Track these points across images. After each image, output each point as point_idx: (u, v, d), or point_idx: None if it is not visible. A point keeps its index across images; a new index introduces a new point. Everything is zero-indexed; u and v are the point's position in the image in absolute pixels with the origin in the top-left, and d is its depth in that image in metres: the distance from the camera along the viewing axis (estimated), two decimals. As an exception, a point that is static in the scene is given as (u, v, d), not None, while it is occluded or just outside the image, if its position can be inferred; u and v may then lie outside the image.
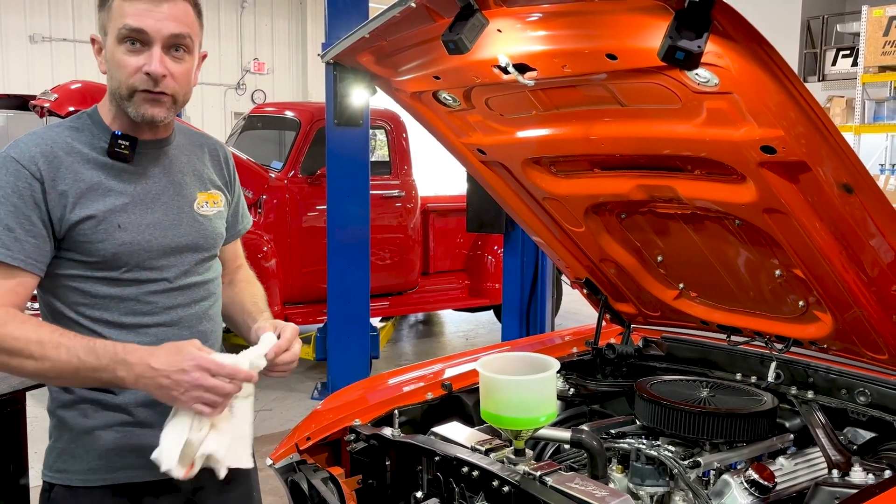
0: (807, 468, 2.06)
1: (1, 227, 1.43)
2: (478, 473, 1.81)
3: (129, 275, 1.54)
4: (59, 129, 1.55)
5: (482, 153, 2.33)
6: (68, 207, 1.48)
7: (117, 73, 1.50)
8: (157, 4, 1.48)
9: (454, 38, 1.60)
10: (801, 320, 2.21)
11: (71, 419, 1.55)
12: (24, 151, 1.47)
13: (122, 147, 1.53)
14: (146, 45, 1.48)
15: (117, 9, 1.48)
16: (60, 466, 1.57)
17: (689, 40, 1.26)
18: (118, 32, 1.48)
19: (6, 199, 1.44)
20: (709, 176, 1.89)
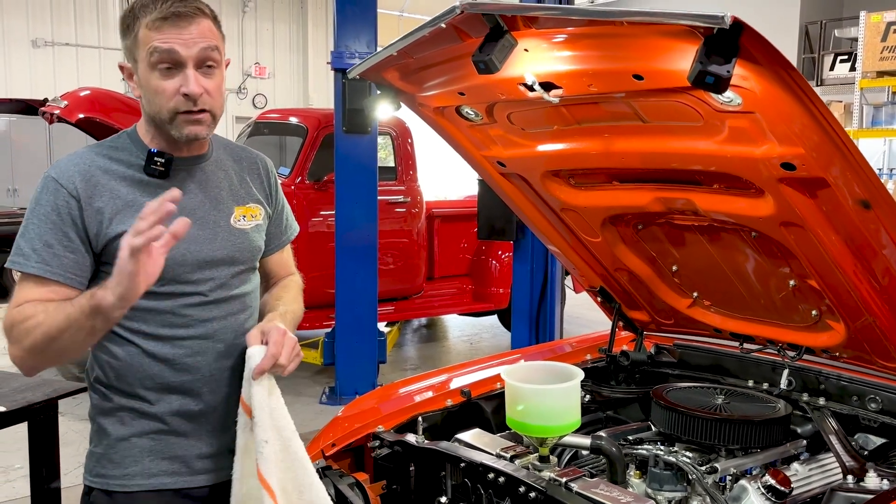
0: (821, 474, 2.11)
1: (41, 243, 1.50)
2: (504, 479, 1.86)
3: (165, 288, 1.57)
4: (99, 149, 1.61)
5: (502, 165, 2.38)
6: (104, 223, 1.53)
7: (155, 98, 1.55)
8: (183, 28, 1.52)
9: (484, 59, 1.65)
10: (814, 329, 2.27)
11: (109, 426, 1.61)
12: (62, 171, 1.54)
13: (157, 164, 1.58)
14: (179, 68, 1.53)
15: (144, 37, 1.52)
16: (99, 471, 1.62)
17: (719, 65, 1.32)
18: (150, 59, 1.52)
19: (46, 216, 1.51)
20: (727, 190, 1.95)
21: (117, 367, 1.60)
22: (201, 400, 1.65)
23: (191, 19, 1.52)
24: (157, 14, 1.51)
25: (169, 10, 1.51)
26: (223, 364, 1.67)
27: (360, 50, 5.02)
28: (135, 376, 1.60)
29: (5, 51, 14.07)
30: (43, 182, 1.55)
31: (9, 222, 9.11)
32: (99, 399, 1.62)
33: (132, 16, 1.54)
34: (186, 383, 1.63)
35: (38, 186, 1.55)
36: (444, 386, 2.60)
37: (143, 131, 1.64)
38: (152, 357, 1.60)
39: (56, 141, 12.53)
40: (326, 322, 5.87)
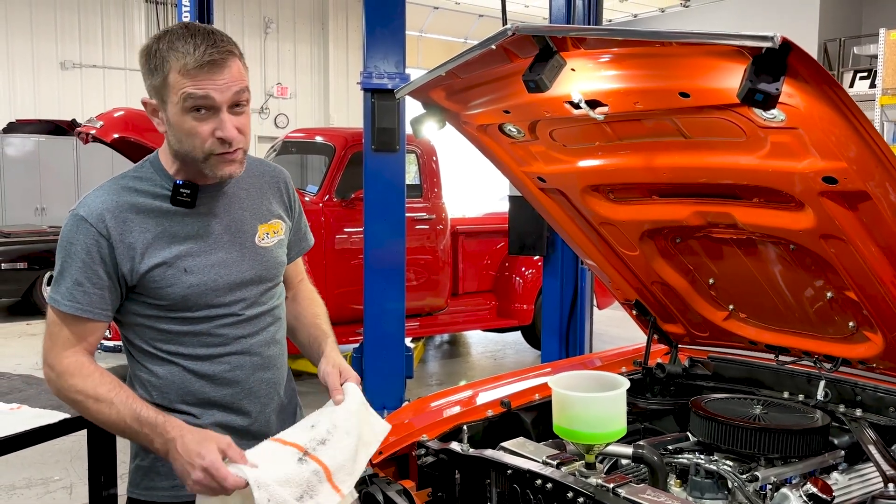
0: (860, 483, 2.14)
1: (72, 282, 1.57)
2: (552, 486, 1.91)
3: (200, 313, 1.64)
4: (124, 181, 1.64)
5: (542, 181, 2.44)
6: (136, 258, 1.58)
7: (189, 139, 1.57)
8: (216, 74, 1.53)
9: (535, 78, 1.72)
10: (851, 340, 2.30)
11: None
12: (91, 210, 1.58)
13: (184, 195, 1.62)
14: (213, 111, 1.55)
15: (177, 82, 1.53)
16: (148, 484, 1.68)
17: (767, 83, 1.38)
18: (183, 104, 1.53)
19: (76, 255, 1.57)
20: (767, 203, 2.00)
21: (159, 385, 1.67)
22: (242, 411, 1.72)
23: (223, 64, 1.53)
24: (191, 63, 1.51)
25: (203, 59, 1.51)
26: (260, 376, 1.74)
27: (388, 70, 5.12)
28: (176, 393, 1.66)
29: (35, 72, 14.38)
30: (73, 221, 1.59)
31: (38, 240, 9.28)
32: None
33: (159, 56, 1.54)
34: (227, 396, 1.70)
35: (68, 224, 1.60)
36: (475, 400, 2.64)
37: (167, 162, 1.66)
38: (193, 374, 1.67)
39: (83, 161, 12.77)
40: (353, 337, 5.93)
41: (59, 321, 1.59)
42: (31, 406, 2.16)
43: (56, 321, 1.59)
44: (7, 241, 9.16)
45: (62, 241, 1.60)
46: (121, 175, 1.66)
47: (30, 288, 9.09)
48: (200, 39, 1.52)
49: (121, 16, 15.44)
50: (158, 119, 1.61)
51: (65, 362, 1.58)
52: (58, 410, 2.10)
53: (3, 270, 8.87)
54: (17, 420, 2.05)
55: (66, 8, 14.71)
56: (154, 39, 1.58)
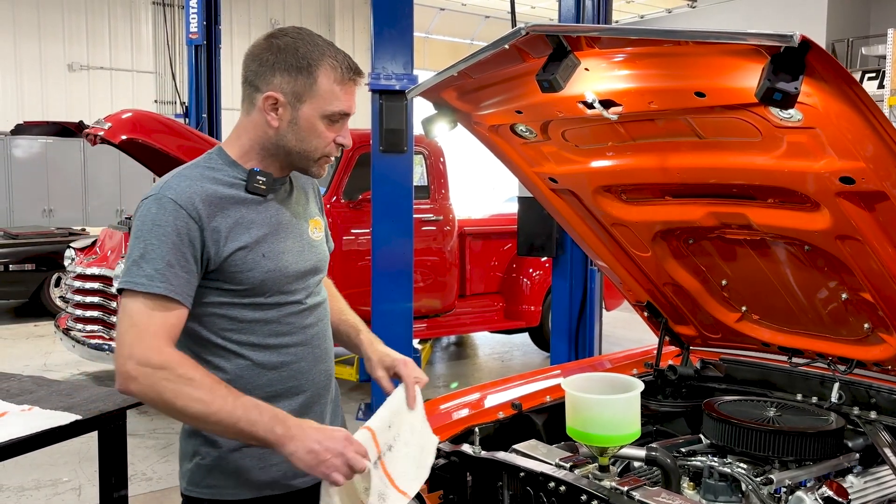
0: (876, 486, 2.13)
1: (163, 263, 1.52)
2: (565, 488, 1.90)
3: (272, 299, 1.66)
4: (200, 170, 1.64)
5: (553, 181, 2.43)
6: (221, 242, 1.58)
7: (313, 141, 1.64)
8: (355, 87, 1.65)
9: (549, 78, 1.71)
10: (866, 342, 2.28)
11: (220, 438, 1.64)
12: (181, 193, 1.56)
13: (259, 183, 1.65)
14: (342, 120, 1.66)
15: (328, 90, 1.60)
16: (210, 482, 1.66)
17: (786, 82, 1.37)
18: (330, 113, 1.62)
19: (167, 237, 1.53)
20: (782, 204, 1.99)
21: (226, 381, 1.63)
22: (303, 402, 1.73)
23: (360, 81, 1.66)
24: (344, 73, 1.61)
25: (351, 70, 1.63)
26: (320, 367, 1.78)
27: (396, 71, 5.11)
28: (244, 388, 1.63)
29: (42, 74, 14.44)
30: (159, 203, 1.55)
31: (45, 242, 9.30)
32: None
33: (305, 60, 1.59)
34: (292, 389, 1.71)
35: (152, 207, 1.56)
36: (484, 402, 2.63)
37: (238, 154, 1.67)
38: (261, 367, 1.67)
39: (91, 163, 12.81)
40: (361, 339, 5.91)
41: (148, 308, 1.50)
42: (42, 408, 2.15)
43: (143, 310, 1.50)
44: (15, 242, 9.19)
45: (146, 223, 1.55)
46: (192, 164, 1.67)
47: (37, 289, 9.11)
48: (346, 56, 1.65)
49: (128, 17, 15.49)
50: (274, 115, 1.62)
51: (164, 354, 1.49)
52: (69, 412, 2.10)
53: (10, 272, 8.89)
54: (28, 421, 2.05)
55: (73, 10, 14.76)
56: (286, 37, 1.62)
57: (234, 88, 8.84)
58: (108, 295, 5.85)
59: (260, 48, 1.63)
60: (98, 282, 5.94)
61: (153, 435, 5.25)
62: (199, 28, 8.69)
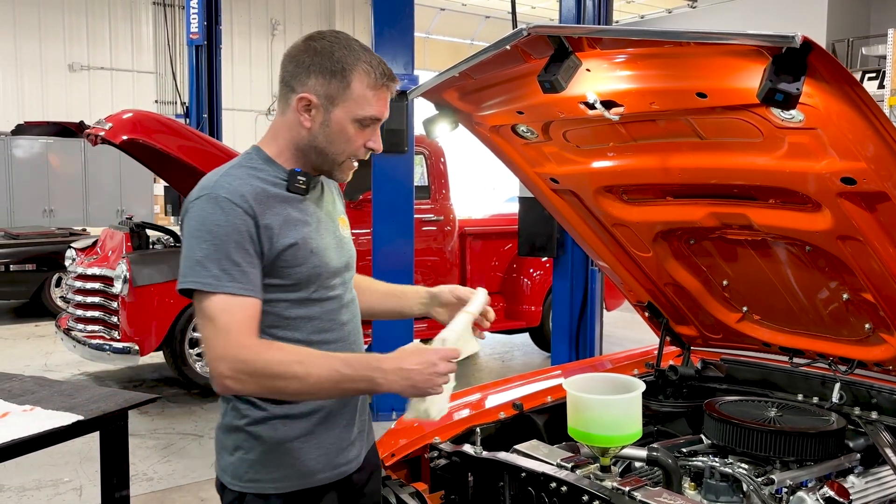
0: (877, 486, 2.13)
1: (229, 263, 1.55)
2: (566, 489, 1.90)
3: (316, 294, 1.70)
4: (245, 169, 1.66)
5: (555, 182, 2.43)
6: (274, 238, 1.61)
7: (343, 143, 1.66)
8: (388, 92, 1.66)
9: (550, 79, 1.71)
10: (867, 343, 2.28)
11: (263, 433, 1.68)
12: (233, 191, 1.59)
13: (300, 182, 1.67)
14: (374, 125, 1.67)
15: (361, 95, 1.62)
16: (253, 476, 1.69)
17: (788, 83, 1.37)
18: (362, 118, 1.63)
19: (228, 236, 1.56)
20: (783, 204, 1.99)
21: None
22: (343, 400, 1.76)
23: (393, 87, 1.67)
24: (377, 78, 1.62)
25: (385, 76, 1.64)
26: None
27: (397, 71, 5.10)
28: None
29: (43, 75, 14.45)
30: (214, 203, 1.57)
31: (46, 242, 9.31)
32: (250, 408, 1.68)
33: (340, 64, 1.61)
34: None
35: (209, 207, 1.57)
36: (484, 402, 2.63)
37: (276, 153, 1.70)
38: None
39: (91, 163, 12.81)
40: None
41: (224, 307, 1.54)
42: (43, 408, 2.15)
43: (220, 309, 1.54)
44: (15, 242, 9.19)
45: (204, 223, 1.57)
46: (235, 164, 1.68)
47: (38, 289, 9.11)
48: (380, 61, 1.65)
49: (128, 18, 15.50)
50: (307, 116, 1.64)
51: (250, 347, 1.55)
52: (71, 412, 2.10)
53: (11, 272, 8.89)
54: (30, 422, 2.05)
55: (73, 10, 14.77)
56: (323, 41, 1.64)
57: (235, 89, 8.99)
58: (109, 295, 5.85)
59: (297, 50, 1.66)
60: (99, 282, 5.94)
61: (154, 435, 5.25)
62: (199, 28, 8.69)
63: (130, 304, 5.65)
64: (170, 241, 6.69)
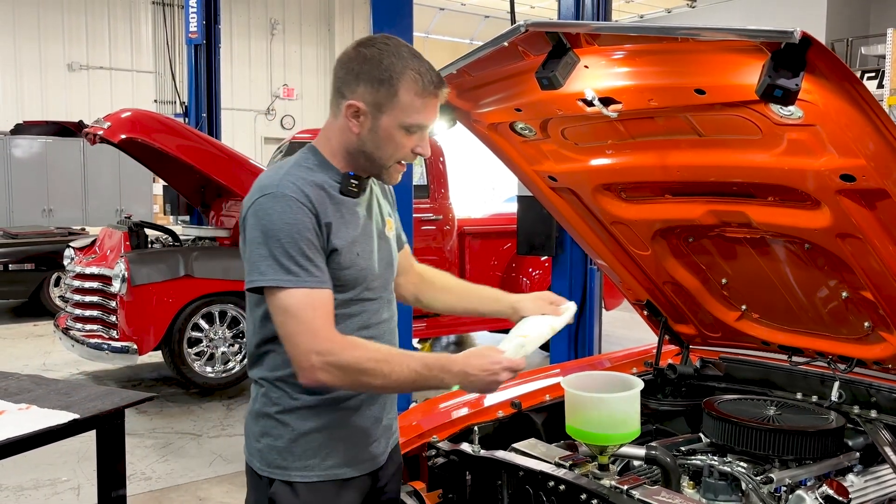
0: (876, 485, 2.12)
1: (304, 258, 1.60)
2: (564, 487, 1.90)
3: (360, 295, 1.75)
4: (303, 170, 1.70)
5: (553, 180, 2.43)
6: (329, 238, 1.67)
7: (390, 149, 1.69)
8: (437, 101, 1.69)
9: (548, 75, 1.71)
10: (866, 341, 2.27)
11: (292, 421, 1.73)
12: (297, 190, 1.63)
13: (353, 186, 1.72)
14: (421, 131, 1.70)
15: (409, 103, 1.64)
16: (280, 463, 1.73)
17: (787, 79, 1.36)
18: (408, 125, 1.66)
19: (299, 233, 1.60)
20: (782, 202, 1.98)
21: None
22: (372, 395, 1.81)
23: (442, 93, 1.69)
24: (425, 86, 1.64)
25: (433, 83, 1.66)
26: None
27: (396, 70, 5.10)
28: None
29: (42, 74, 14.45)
30: (281, 201, 1.61)
31: (45, 241, 9.30)
32: (283, 396, 1.73)
33: (388, 72, 1.63)
34: None
35: (276, 205, 1.61)
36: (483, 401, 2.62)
37: (330, 155, 1.74)
38: None
39: (91, 162, 12.80)
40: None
41: (304, 302, 1.59)
42: (39, 406, 2.15)
43: (300, 304, 1.59)
44: (14, 241, 9.18)
45: (272, 220, 1.60)
46: (293, 164, 1.72)
47: (37, 289, 9.10)
48: (430, 68, 1.67)
49: (128, 17, 15.50)
50: (356, 122, 1.68)
51: (336, 342, 1.61)
52: (67, 411, 2.09)
53: (10, 271, 8.88)
54: (26, 420, 2.04)
55: (73, 10, 14.77)
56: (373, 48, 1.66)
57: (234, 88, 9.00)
58: (107, 294, 5.84)
59: (348, 56, 1.69)
60: (97, 281, 5.93)
61: (152, 434, 5.24)
62: (198, 27, 8.69)
63: (129, 304, 5.64)
64: (168, 241, 6.69)
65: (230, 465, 4.65)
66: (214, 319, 6.02)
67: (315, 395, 1.72)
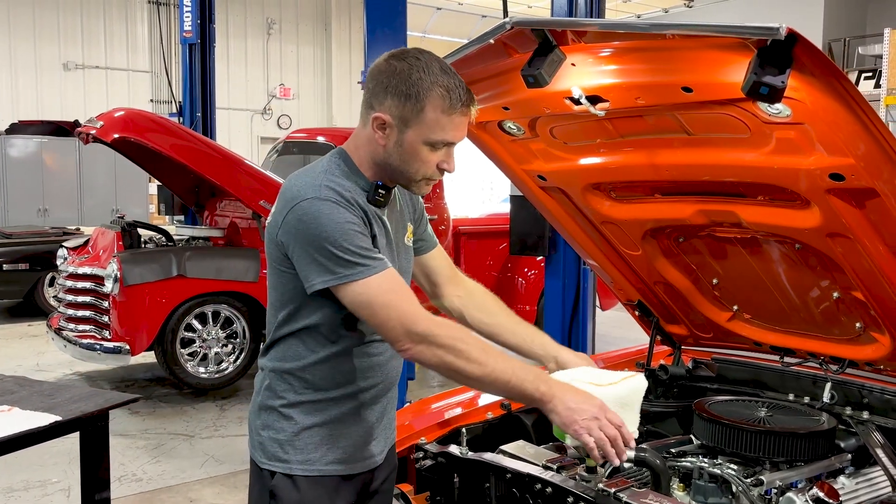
0: (868, 487, 2.10)
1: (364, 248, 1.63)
2: (552, 490, 1.87)
3: None
4: (335, 175, 1.72)
5: (542, 179, 2.40)
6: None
7: (416, 164, 1.70)
8: (465, 119, 1.69)
9: (534, 73, 1.69)
10: (858, 341, 2.26)
11: (296, 415, 1.75)
12: (339, 192, 1.66)
13: (380, 196, 1.74)
14: (447, 148, 1.71)
15: (434, 120, 1.65)
16: (281, 456, 1.76)
17: (773, 76, 1.34)
18: (434, 142, 1.67)
19: (350, 229, 1.63)
20: (771, 201, 1.96)
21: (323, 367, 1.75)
22: (377, 391, 1.84)
23: (470, 111, 1.69)
24: (453, 104, 1.64)
25: (461, 101, 1.65)
26: (393, 363, 1.88)
27: (389, 69, 5.08)
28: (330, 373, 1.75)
29: (37, 74, 14.41)
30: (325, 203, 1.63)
31: (40, 241, 9.27)
32: (287, 391, 1.76)
33: (416, 88, 1.63)
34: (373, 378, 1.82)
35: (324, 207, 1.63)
36: (475, 401, 2.60)
37: (362, 163, 1.76)
38: (360, 356, 1.78)
39: (86, 162, 12.76)
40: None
41: (384, 285, 1.61)
42: (22, 408, 2.13)
43: (382, 288, 1.61)
44: (9, 241, 9.15)
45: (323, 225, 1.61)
46: (325, 171, 1.73)
47: (31, 289, 9.07)
48: (460, 85, 1.66)
49: (123, 17, 15.47)
50: (382, 134, 1.69)
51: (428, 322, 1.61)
52: (49, 413, 2.07)
53: (4, 271, 8.85)
54: (7, 423, 2.02)
55: (68, 9, 14.73)
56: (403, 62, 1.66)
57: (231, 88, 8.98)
58: (100, 294, 5.81)
59: (379, 68, 1.69)
60: (90, 281, 5.90)
61: (144, 435, 5.22)
62: (193, 27, 8.66)
63: (121, 304, 5.62)
64: (162, 241, 6.66)
65: (222, 466, 4.63)
66: (208, 320, 5.99)
67: (321, 390, 1.74)
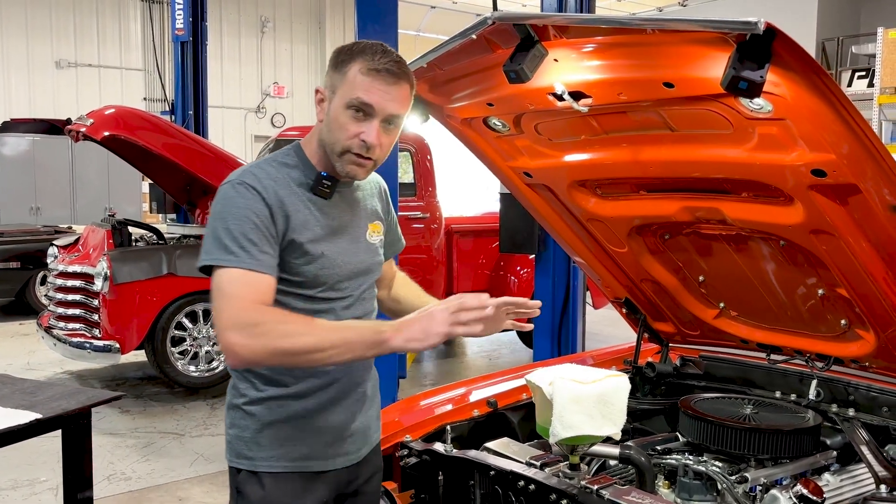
0: (852, 484, 2.10)
1: (247, 241, 1.61)
2: (534, 487, 1.87)
3: (322, 294, 1.74)
4: (276, 165, 1.72)
5: (528, 176, 2.40)
6: (287, 233, 1.67)
7: (337, 132, 1.67)
8: (389, 86, 1.65)
9: (516, 68, 1.68)
10: (843, 339, 2.26)
11: (258, 412, 1.73)
12: (256, 181, 1.66)
13: (324, 186, 1.72)
14: (368, 117, 1.66)
15: (353, 79, 1.64)
16: (247, 454, 1.74)
17: (752, 71, 1.34)
18: (349, 101, 1.64)
19: (247, 218, 1.62)
20: (756, 198, 1.96)
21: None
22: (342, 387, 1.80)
23: (396, 81, 1.65)
24: (373, 64, 1.63)
25: (384, 65, 1.63)
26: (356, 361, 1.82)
27: (381, 67, 5.07)
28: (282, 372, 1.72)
29: (30, 71, 14.34)
30: (236, 189, 1.65)
31: (31, 240, 9.23)
32: (249, 388, 1.75)
33: (349, 54, 1.65)
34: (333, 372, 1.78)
35: (231, 192, 1.64)
36: (464, 398, 2.60)
37: (310, 150, 1.76)
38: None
39: (78, 160, 12.71)
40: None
41: (236, 281, 1.58)
42: (3, 406, 2.11)
43: (231, 283, 1.58)
44: (0, 240, 9.11)
45: (225, 205, 1.63)
46: (270, 157, 1.74)
47: (23, 287, 9.03)
48: (388, 56, 1.66)
49: (116, 15, 15.40)
50: (320, 108, 1.72)
51: (254, 311, 1.57)
52: (30, 411, 2.05)
53: (-5, 270, 8.82)
54: (-13, 420, 2.00)
55: (61, 7, 14.66)
56: (350, 45, 1.70)
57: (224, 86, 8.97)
58: (90, 293, 5.79)
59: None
60: (80, 279, 5.87)
61: (134, 434, 5.20)
62: (185, 24, 8.63)
63: (111, 302, 5.59)
64: (153, 239, 6.64)
65: (212, 465, 4.61)
66: (198, 318, 5.97)
67: (281, 386, 1.72)
